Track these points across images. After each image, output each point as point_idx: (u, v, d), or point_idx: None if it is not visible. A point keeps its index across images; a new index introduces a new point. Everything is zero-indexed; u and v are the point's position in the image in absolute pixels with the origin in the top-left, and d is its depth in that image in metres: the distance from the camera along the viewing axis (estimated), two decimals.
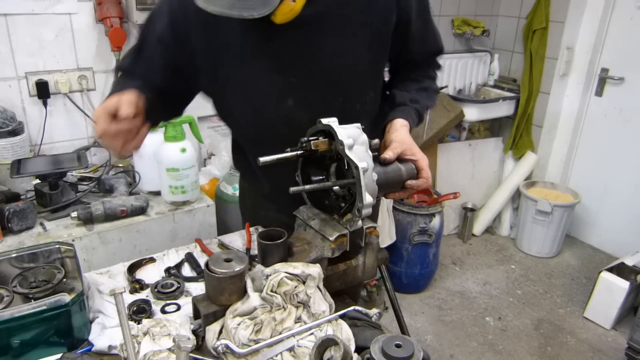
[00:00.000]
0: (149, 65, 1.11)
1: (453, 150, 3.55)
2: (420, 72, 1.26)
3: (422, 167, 1.05)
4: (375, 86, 1.20)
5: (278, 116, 1.12)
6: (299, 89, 1.09)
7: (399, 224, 2.84)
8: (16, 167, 1.76)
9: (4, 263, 1.00)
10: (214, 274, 0.87)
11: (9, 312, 0.85)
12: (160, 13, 1.09)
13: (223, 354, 0.83)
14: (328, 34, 1.05)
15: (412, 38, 1.15)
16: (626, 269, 2.74)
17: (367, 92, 1.17)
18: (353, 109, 1.15)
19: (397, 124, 1.12)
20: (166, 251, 1.20)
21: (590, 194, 3.44)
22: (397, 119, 1.13)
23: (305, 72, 1.08)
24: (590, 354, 2.57)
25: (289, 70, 1.07)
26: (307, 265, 0.94)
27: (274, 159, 0.97)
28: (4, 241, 1.60)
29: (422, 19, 1.15)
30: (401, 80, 1.25)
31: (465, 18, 3.55)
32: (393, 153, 1.03)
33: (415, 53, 1.21)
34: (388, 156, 1.02)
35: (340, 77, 1.10)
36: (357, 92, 1.15)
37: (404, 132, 1.10)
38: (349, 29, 1.06)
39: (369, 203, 0.91)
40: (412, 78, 1.25)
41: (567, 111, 3.47)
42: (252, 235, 1.25)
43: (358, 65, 1.11)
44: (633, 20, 3.09)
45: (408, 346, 0.76)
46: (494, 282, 3.15)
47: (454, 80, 3.61)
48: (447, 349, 2.57)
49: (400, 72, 1.27)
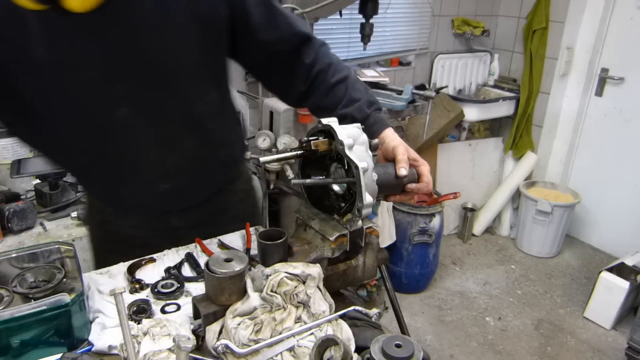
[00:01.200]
0: None
1: (453, 150, 3.55)
2: (324, 71, 1.14)
3: (423, 172, 1.05)
4: (218, 85, 1.13)
5: (113, 129, 1.01)
6: (131, 96, 0.99)
7: (399, 224, 2.84)
8: (16, 167, 1.76)
9: (4, 263, 0.99)
10: (214, 274, 0.87)
11: (9, 312, 0.85)
12: None
13: (223, 354, 0.83)
14: (149, 32, 0.95)
15: (256, 28, 1.07)
16: (626, 269, 2.74)
17: (208, 91, 1.10)
18: (195, 110, 1.08)
19: (387, 134, 1.10)
20: (166, 251, 1.20)
21: (590, 194, 3.44)
22: (383, 132, 1.10)
23: (133, 77, 0.97)
24: (590, 354, 2.57)
25: (113, 77, 0.96)
26: (307, 265, 0.94)
27: (274, 159, 0.97)
28: (4, 241, 1.60)
29: (263, 6, 1.06)
30: (324, 93, 1.15)
31: (465, 18, 3.55)
32: (406, 164, 1.02)
33: (273, 43, 1.11)
34: (404, 171, 1.00)
35: (172, 79, 1.02)
36: (195, 93, 1.07)
37: (398, 139, 1.09)
38: (172, 26, 0.96)
39: (369, 203, 0.91)
40: (331, 83, 1.14)
41: (567, 111, 3.48)
42: (252, 235, 1.25)
43: (190, 65, 1.03)
44: (633, 20, 3.09)
45: (408, 346, 0.76)
46: (494, 282, 3.16)
47: (454, 80, 3.61)
48: (447, 349, 2.57)
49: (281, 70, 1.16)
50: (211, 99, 1.11)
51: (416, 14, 3.32)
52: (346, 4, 2.33)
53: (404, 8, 3.23)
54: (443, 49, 3.57)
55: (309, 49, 1.13)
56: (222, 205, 1.30)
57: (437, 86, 2.95)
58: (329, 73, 1.14)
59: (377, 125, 1.11)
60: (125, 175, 1.11)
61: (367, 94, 1.15)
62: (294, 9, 2.13)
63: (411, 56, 3.40)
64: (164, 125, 1.04)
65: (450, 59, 3.54)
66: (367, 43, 2.61)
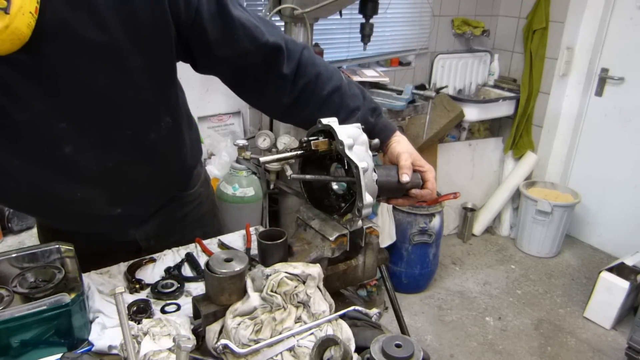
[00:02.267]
0: None
1: (453, 150, 3.55)
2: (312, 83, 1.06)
3: (428, 178, 1.04)
4: (171, 110, 1.05)
5: (57, 170, 0.95)
6: (74, 132, 0.92)
7: (399, 224, 2.84)
8: None
9: (4, 263, 0.99)
10: (214, 274, 0.87)
11: (9, 312, 0.85)
12: None
13: (223, 354, 0.83)
14: (91, 64, 0.86)
15: (213, 44, 0.97)
16: (626, 269, 2.74)
17: (162, 118, 1.03)
18: (147, 139, 1.02)
19: (396, 138, 1.08)
20: (166, 251, 1.20)
21: (590, 194, 3.44)
22: (391, 137, 1.08)
23: (75, 114, 0.90)
24: (590, 354, 2.57)
25: (54, 116, 0.88)
26: (307, 265, 0.94)
27: (274, 159, 0.97)
28: (4, 241, 1.61)
29: (219, 19, 0.96)
30: (318, 106, 1.07)
31: (465, 18, 3.55)
32: (409, 170, 1.00)
33: (234, 57, 1.01)
34: (407, 177, 0.99)
35: (121, 110, 0.95)
36: (148, 122, 1.01)
37: (405, 143, 1.07)
38: (114, 55, 0.87)
39: (369, 203, 0.91)
40: (324, 95, 1.07)
41: (567, 111, 3.48)
42: (252, 235, 1.25)
43: (141, 93, 0.95)
44: (633, 20, 3.09)
45: (408, 346, 0.76)
46: (494, 282, 3.16)
47: (454, 80, 3.61)
48: (447, 349, 2.57)
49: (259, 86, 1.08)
50: (164, 125, 1.04)
51: (416, 14, 3.32)
52: (346, 4, 2.33)
53: (404, 8, 3.23)
54: (443, 49, 3.57)
55: (285, 59, 1.03)
56: (180, 212, 1.27)
57: (437, 86, 2.95)
58: (317, 85, 1.06)
59: (384, 133, 1.09)
60: (76, 207, 1.05)
61: (364, 100, 1.10)
62: (294, 9, 2.13)
63: (411, 56, 3.41)
64: (111, 157, 0.98)
65: (450, 59, 3.54)
66: (367, 43, 2.61)
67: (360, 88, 1.13)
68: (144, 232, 1.22)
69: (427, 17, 3.37)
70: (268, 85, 1.07)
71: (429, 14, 3.35)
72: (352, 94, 1.09)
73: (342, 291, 1.09)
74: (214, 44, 0.97)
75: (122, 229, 1.19)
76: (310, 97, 1.07)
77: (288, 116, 1.16)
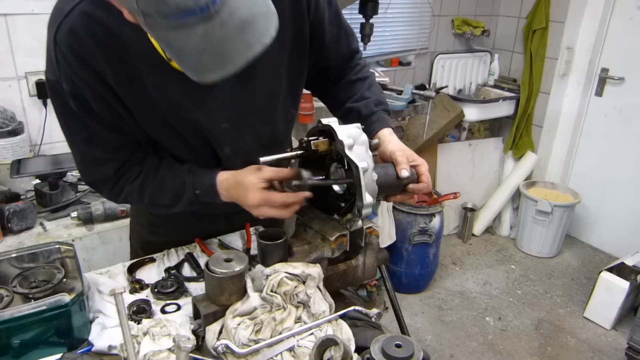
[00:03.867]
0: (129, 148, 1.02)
1: (453, 150, 3.55)
2: (350, 70, 1.20)
3: (422, 172, 1.05)
4: (295, 103, 1.16)
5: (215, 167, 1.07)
6: (232, 132, 1.03)
7: (399, 224, 2.84)
8: (16, 167, 1.76)
9: (4, 263, 1.00)
10: (214, 274, 0.87)
11: (9, 312, 0.85)
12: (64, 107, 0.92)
13: (223, 354, 0.83)
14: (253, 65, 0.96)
15: (327, 47, 1.11)
16: (626, 269, 2.74)
17: (290, 110, 1.14)
18: (279, 131, 1.13)
19: (385, 134, 1.11)
20: (166, 251, 1.20)
21: (590, 194, 3.44)
22: (381, 130, 1.11)
23: (237, 114, 1.02)
24: (590, 354, 2.57)
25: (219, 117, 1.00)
26: (307, 265, 0.94)
27: (274, 159, 0.97)
28: (4, 241, 1.60)
29: (334, 25, 1.10)
30: (343, 87, 1.20)
31: (465, 18, 3.55)
32: (407, 165, 1.02)
33: (331, 60, 1.16)
34: (407, 173, 1.01)
35: (266, 106, 1.06)
36: (282, 115, 1.12)
37: (396, 140, 1.10)
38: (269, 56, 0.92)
39: (369, 203, 0.91)
40: (351, 79, 1.19)
41: (567, 111, 3.48)
42: (252, 235, 1.25)
43: (280, 89, 1.06)
44: (633, 20, 3.09)
45: (408, 346, 0.76)
46: (494, 282, 3.16)
47: (454, 80, 3.61)
48: (447, 349, 2.57)
49: (324, 79, 1.21)
50: (290, 117, 1.16)
51: (416, 14, 3.31)
52: (346, 4, 2.33)
53: (404, 8, 3.23)
54: (443, 49, 3.57)
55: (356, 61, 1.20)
56: None
57: (437, 86, 2.95)
58: (353, 70, 1.20)
59: (377, 123, 1.12)
60: None
61: (379, 95, 1.18)
62: None
63: (411, 56, 3.40)
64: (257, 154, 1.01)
65: (450, 59, 3.54)
66: (367, 43, 2.61)
67: (380, 90, 1.23)
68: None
69: (427, 17, 3.37)
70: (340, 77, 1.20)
71: (429, 14, 3.35)
72: (372, 89, 1.19)
73: (342, 291, 1.09)
74: (326, 46, 1.10)
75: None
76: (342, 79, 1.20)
77: (323, 93, 1.27)
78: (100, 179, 1.03)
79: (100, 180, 1.03)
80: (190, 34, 0.64)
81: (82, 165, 1.02)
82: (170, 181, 1.03)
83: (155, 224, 1.25)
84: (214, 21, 0.64)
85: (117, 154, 1.00)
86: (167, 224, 1.23)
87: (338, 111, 1.21)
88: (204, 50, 0.67)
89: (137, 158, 1.03)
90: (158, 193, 1.04)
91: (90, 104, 0.90)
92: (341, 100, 1.19)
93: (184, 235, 1.23)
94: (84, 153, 1.00)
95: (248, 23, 0.67)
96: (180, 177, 1.03)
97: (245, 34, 0.68)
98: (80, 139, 0.98)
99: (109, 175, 1.01)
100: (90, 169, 1.02)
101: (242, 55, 0.69)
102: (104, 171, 1.01)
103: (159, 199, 1.05)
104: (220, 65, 0.69)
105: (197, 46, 0.66)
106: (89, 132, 0.95)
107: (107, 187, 1.04)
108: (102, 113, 0.92)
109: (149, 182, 1.03)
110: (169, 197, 1.04)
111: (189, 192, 1.03)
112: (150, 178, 1.03)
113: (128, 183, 1.03)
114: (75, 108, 0.91)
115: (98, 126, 0.94)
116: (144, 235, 1.28)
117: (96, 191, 1.09)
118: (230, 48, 0.68)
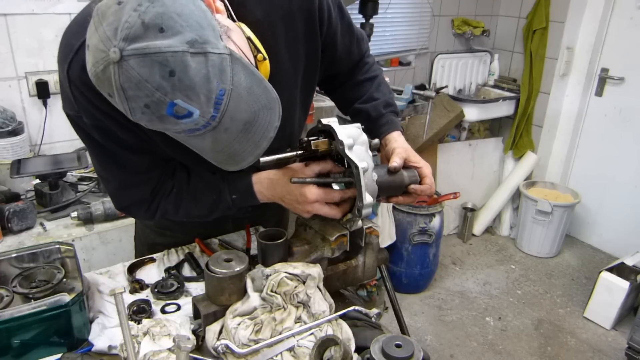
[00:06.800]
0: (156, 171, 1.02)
1: (453, 150, 3.55)
2: (359, 70, 1.22)
3: (425, 174, 1.05)
4: (306, 113, 1.19)
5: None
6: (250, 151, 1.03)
7: (399, 224, 2.84)
8: (16, 167, 1.76)
9: (4, 263, 1.00)
10: (214, 274, 0.87)
11: (9, 312, 0.85)
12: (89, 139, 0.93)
13: (223, 354, 0.83)
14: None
15: (339, 59, 1.13)
16: (626, 269, 2.74)
17: (302, 123, 1.18)
18: (293, 141, 1.13)
19: (394, 136, 1.11)
20: (166, 251, 1.20)
21: (590, 194, 3.44)
22: (390, 134, 1.11)
23: None
24: (590, 354, 2.57)
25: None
26: (307, 265, 0.94)
27: (274, 159, 0.97)
28: (4, 241, 1.61)
29: (347, 37, 1.12)
30: (351, 87, 1.21)
31: (465, 18, 3.55)
32: (399, 158, 1.02)
33: (343, 67, 1.19)
34: (396, 163, 1.01)
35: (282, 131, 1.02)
36: (297, 131, 1.15)
37: (402, 141, 1.10)
38: (284, 83, 1.00)
39: (369, 203, 0.91)
40: (360, 79, 1.20)
41: (567, 111, 3.48)
42: (252, 235, 1.25)
43: (296, 110, 1.09)
44: (633, 20, 3.09)
45: (408, 346, 0.76)
46: (494, 282, 3.16)
47: (454, 80, 3.61)
48: (447, 349, 2.57)
49: (332, 80, 1.22)
50: (302, 123, 1.18)
51: (416, 14, 3.32)
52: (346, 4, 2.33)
53: (404, 8, 3.23)
54: (443, 49, 3.57)
55: (365, 61, 1.21)
56: None
57: (437, 86, 2.95)
58: (362, 70, 1.21)
59: (387, 126, 1.12)
60: None
61: (387, 96, 1.18)
62: None
63: (411, 56, 3.40)
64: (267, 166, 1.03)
65: (450, 59, 3.54)
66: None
67: (389, 90, 1.23)
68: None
69: (427, 17, 3.37)
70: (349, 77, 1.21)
71: (429, 14, 3.35)
72: (380, 89, 1.20)
73: (342, 291, 1.09)
74: (338, 57, 1.11)
75: None
76: (350, 79, 1.21)
77: (331, 91, 1.28)
78: (137, 201, 1.04)
79: (137, 202, 1.04)
80: (201, 140, 0.72)
81: (118, 191, 1.03)
82: (204, 191, 1.04)
83: (165, 226, 1.25)
84: (218, 129, 0.70)
85: (150, 174, 1.01)
86: (175, 227, 1.23)
87: (347, 110, 1.23)
88: (216, 151, 0.74)
89: (167, 174, 1.04)
90: (193, 204, 1.05)
91: (114, 132, 0.91)
92: (350, 100, 1.21)
93: (191, 237, 1.23)
94: (119, 179, 1.01)
95: (250, 123, 0.72)
96: (215, 185, 1.03)
97: (250, 134, 0.73)
98: (113, 167, 0.99)
99: (146, 196, 1.02)
100: (126, 194, 1.03)
101: (250, 154, 0.76)
102: (140, 193, 1.02)
103: (194, 210, 1.06)
104: (234, 162, 0.77)
105: (210, 148, 0.74)
106: (119, 158, 0.96)
107: (144, 208, 1.04)
108: (127, 139, 0.92)
109: (182, 195, 1.04)
110: (206, 207, 1.05)
111: (225, 199, 1.03)
112: (184, 190, 1.04)
113: (163, 199, 1.04)
114: (100, 140, 0.92)
115: (126, 152, 0.95)
116: (151, 237, 1.28)
117: (129, 215, 1.11)
118: (238, 148, 0.74)
